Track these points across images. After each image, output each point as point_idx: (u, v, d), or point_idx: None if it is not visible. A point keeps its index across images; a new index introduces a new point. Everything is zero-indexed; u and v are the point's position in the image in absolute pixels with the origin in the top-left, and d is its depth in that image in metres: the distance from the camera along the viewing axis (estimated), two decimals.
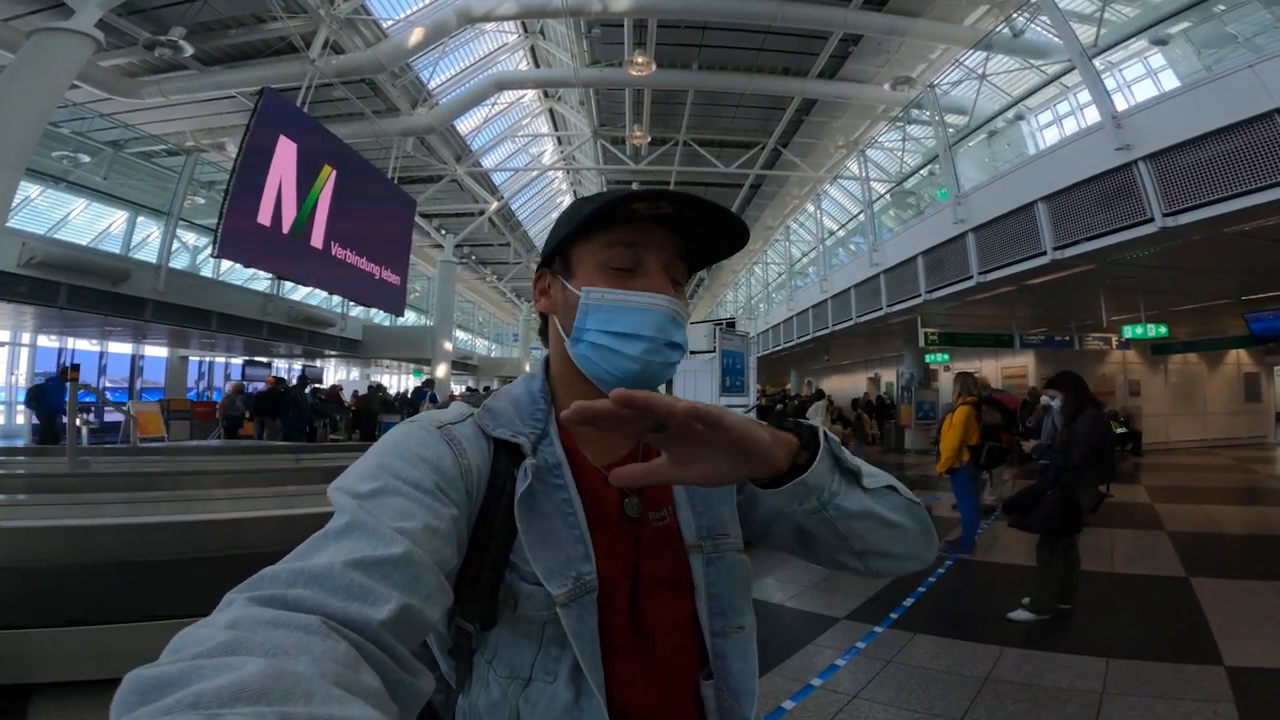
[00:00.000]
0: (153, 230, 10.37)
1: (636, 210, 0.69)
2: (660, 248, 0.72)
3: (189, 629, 0.38)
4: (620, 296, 0.69)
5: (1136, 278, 7.75)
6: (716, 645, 0.70)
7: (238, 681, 0.31)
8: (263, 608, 0.41)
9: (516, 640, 0.64)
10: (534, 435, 0.69)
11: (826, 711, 2.65)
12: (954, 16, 9.69)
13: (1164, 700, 2.63)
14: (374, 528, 0.51)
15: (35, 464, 4.97)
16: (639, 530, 0.70)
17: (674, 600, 0.70)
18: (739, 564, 0.73)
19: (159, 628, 2.63)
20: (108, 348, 15.08)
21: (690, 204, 0.68)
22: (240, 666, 0.33)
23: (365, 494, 0.56)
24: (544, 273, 0.76)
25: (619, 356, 0.68)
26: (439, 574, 0.53)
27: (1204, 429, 14.14)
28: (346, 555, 0.48)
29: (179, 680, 0.32)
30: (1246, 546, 5.40)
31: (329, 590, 0.45)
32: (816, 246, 14.23)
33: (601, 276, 0.70)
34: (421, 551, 0.52)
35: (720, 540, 0.73)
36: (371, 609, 0.45)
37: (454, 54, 11.60)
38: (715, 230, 0.72)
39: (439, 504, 0.58)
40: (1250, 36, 5.85)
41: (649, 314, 0.69)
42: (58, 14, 6.69)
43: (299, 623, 0.40)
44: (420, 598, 0.49)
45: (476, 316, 27.42)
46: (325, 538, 0.51)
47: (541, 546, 0.64)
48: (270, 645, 0.37)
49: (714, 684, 0.69)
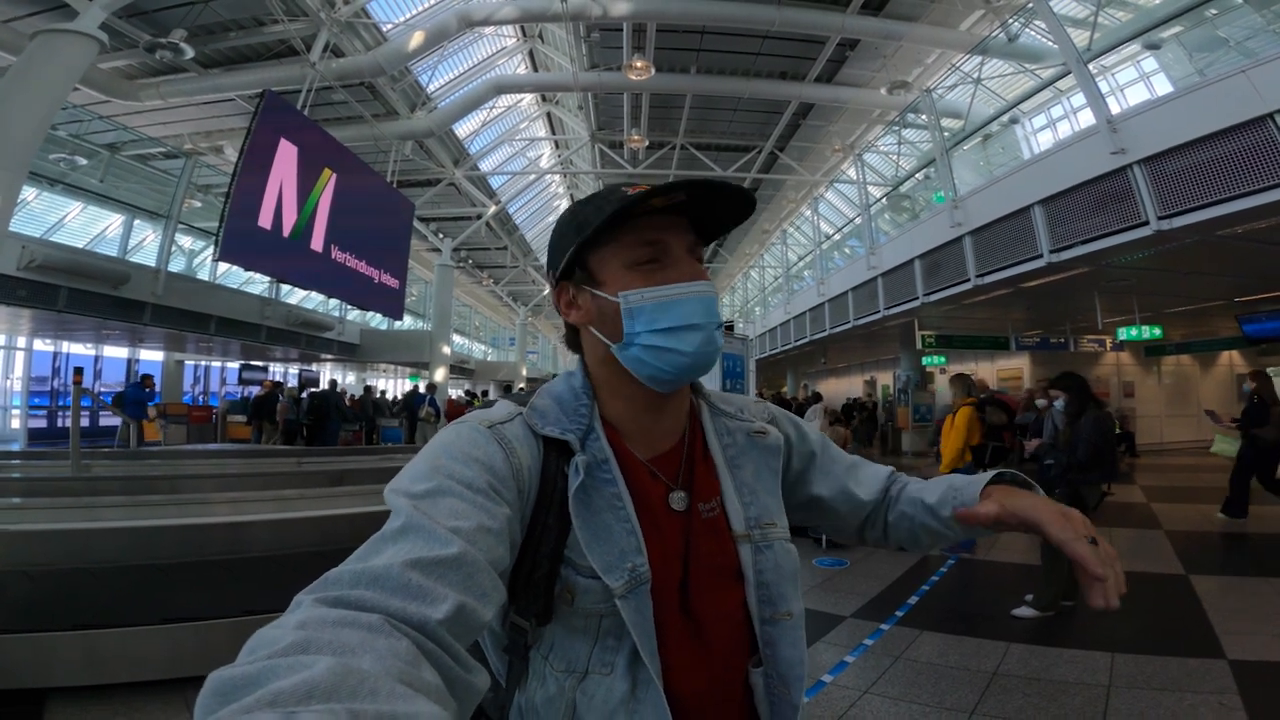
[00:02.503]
0: (149, 233, 10.34)
1: (655, 205, 0.69)
2: (680, 233, 0.72)
3: (262, 630, 0.40)
4: (662, 292, 0.69)
5: (1131, 280, 7.83)
6: (766, 633, 0.71)
7: (310, 679, 0.33)
8: (329, 608, 0.43)
9: (572, 634, 0.66)
10: (580, 431, 0.69)
11: (839, 706, 2.67)
12: (950, 21, 9.79)
13: (1170, 692, 2.67)
14: (429, 529, 0.52)
15: (39, 468, 4.95)
16: (689, 522, 0.71)
17: (724, 589, 0.71)
18: (786, 552, 0.75)
19: (169, 631, 2.64)
20: (103, 351, 14.98)
21: (702, 187, 0.68)
22: (311, 665, 0.35)
23: (420, 494, 0.57)
24: (565, 285, 0.75)
25: (673, 354, 0.69)
26: (493, 573, 0.54)
27: (1198, 430, 14.19)
28: (404, 556, 0.49)
29: (256, 680, 0.34)
30: (1243, 545, 5.46)
31: (389, 590, 0.46)
32: (813, 250, 14.30)
33: (633, 276, 0.70)
34: (475, 551, 0.53)
35: (768, 529, 0.74)
36: (430, 608, 0.46)
37: (453, 57, 11.63)
38: (724, 204, 0.73)
39: (492, 503, 0.59)
40: (1242, 40, 5.95)
41: (696, 302, 0.69)
42: (61, 15, 6.68)
43: (363, 621, 0.42)
44: (475, 596, 0.50)
45: (473, 320, 27.39)
46: (383, 539, 0.52)
47: (596, 541, 0.65)
48: (337, 644, 0.38)
49: (763, 671, 0.70)
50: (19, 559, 2.63)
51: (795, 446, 0.85)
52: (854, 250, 12.42)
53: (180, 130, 11.46)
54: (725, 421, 0.80)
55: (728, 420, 0.80)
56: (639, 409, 0.73)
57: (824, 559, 5.09)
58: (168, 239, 9.43)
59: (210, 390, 18.01)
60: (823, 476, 0.86)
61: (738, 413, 0.81)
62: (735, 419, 0.80)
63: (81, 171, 9.15)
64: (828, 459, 0.88)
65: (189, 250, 11.37)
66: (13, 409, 13.16)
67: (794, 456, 0.85)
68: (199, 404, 15.76)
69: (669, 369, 0.69)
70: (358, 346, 14.93)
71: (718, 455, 0.77)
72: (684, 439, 0.76)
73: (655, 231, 0.70)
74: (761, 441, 0.79)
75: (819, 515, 0.88)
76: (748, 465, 0.77)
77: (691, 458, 0.75)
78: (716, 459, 0.76)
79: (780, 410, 0.89)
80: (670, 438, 0.75)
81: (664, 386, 0.71)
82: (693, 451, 0.76)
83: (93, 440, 11.60)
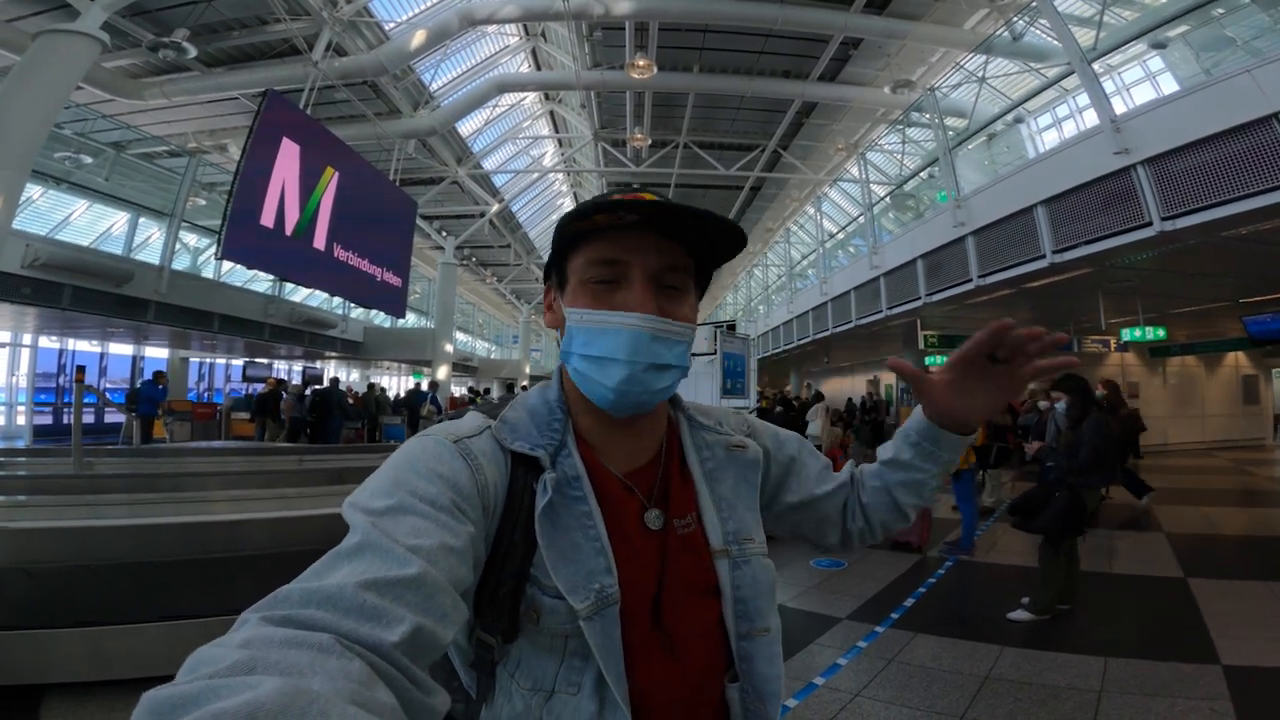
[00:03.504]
0: (154, 231, 10.40)
1: (598, 222, 0.65)
2: (649, 255, 0.67)
3: (203, 649, 0.38)
4: (595, 317, 0.67)
5: (1135, 281, 7.79)
6: (743, 648, 0.70)
7: (254, 701, 0.31)
8: (276, 627, 0.41)
9: (539, 653, 0.64)
10: (552, 447, 0.68)
11: (829, 709, 2.68)
12: (954, 20, 9.74)
13: (1161, 698, 2.66)
14: (387, 548, 0.50)
15: (41, 465, 4.99)
16: (664, 540, 0.70)
17: (701, 605, 0.70)
18: (764, 567, 0.74)
19: (167, 628, 2.66)
20: (108, 349, 15.09)
21: (661, 210, 0.63)
22: (256, 686, 0.33)
23: (379, 511, 0.54)
24: (549, 287, 0.76)
25: (595, 383, 0.67)
26: (454, 594, 0.52)
27: (1202, 431, 14.16)
28: (360, 576, 0.47)
29: (195, 699, 0.32)
30: (1244, 548, 5.43)
31: (342, 611, 0.44)
32: (816, 249, 14.26)
33: (585, 293, 0.68)
34: (436, 571, 0.51)
35: (746, 544, 0.73)
36: (384, 631, 0.44)
37: (456, 56, 11.64)
38: (709, 230, 0.68)
39: (455, 521, 0.57)
40: (1248, 40, 5.89)
41: (625, 335, 0.66)
42: (64, 15, 6.72)
43: (313, 641, 0.40)
44: (434, 618, 0.48)
45: (476, 318, 27.42)
46: (339, 557, 0.50)
47: (562, 560, 0.63)
48: (285, 664, 0.37)
49: (739, 687, 0.69)
50: (20, 556, 2.66)
51: (773, 455, 0.84)
52: (857, 249, 12.37)
53: (184, 129, 11.53)
54: (704, 435, 0.78)
55: (706, 434, 0.79)
56: (609, 423, 0.71)
57: (821, 560, 5.08)
58: (171, 237, 9.49)
59: (215, 388, 18.11)
60: (800, 480, 0.86)
61: (716, 426, 0.80)
62: (714, 432, 0.79)
63: (87, 170, 9.21)
64: (804, 461, 0.87)
65: (193, 248, 11.43)
66: (18, 406, 13.26)
67: (773, 465, 0.84)
68: (203, 401, 15.87)
69: (595, 396, 0.68)
70: (361, 344, 15.00)
71: (696, 470, 0.76)
72: (661, 453, 0.75)
73: (619, 251, 0.67)
74: (740, 456, 0.78)
75: (803, 517, 0.87)
76: (726, 480, 0.76)
77: (668, 472, 0.74)
78: (695, 473, 0.75)
79: (759, 422, 0.88)
80: (646, 452, 0.74)
81: (606, 408, 0.69)
82: (669, 466, 0.75)
83: (97, 437, 11.70)
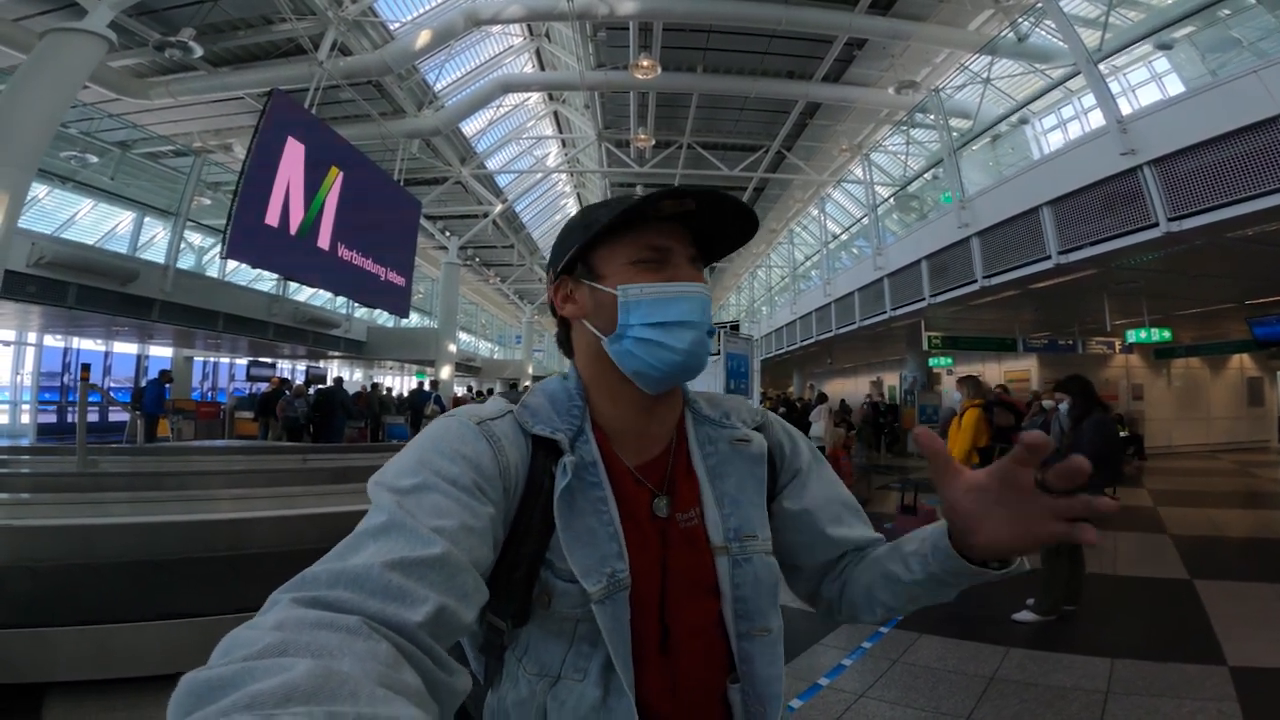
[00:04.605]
0: (159, 230, 10.44)
1: (664, 209, 0.70)
2: (683, 243, 0.73)
3: (237, 630, 0.40)
4: (660, 288, 0.70)
5: (1140, 282, 7.76)
6: (743, 649, 0.69)
7: (289, 682, 0.33)
8: (306, 609, 0.43)
9: (547, 638, 0.65)
10: (571, 432, 0.69)
11: (834, 710, 2.67)
12: (959, 21, 9.71)
13: (1168, 699, 2.65)
14: (412, 527, 0.52)
15: (45, 463, 5.00)
16: (666, 530, 0.70)
17: (700, 602, 0.70)
18: (766, 566, 0.73)
19: (170, 627, 2.66)
20: (113, 348, 15.14)
21: (711, 198, 0.70)
22: (290, 668, 0.34)
23: (405, 490, 0.56)
24: (564, 280, 0.76)
25: (663, 349, 0.69)
26: (475, 574, 0.53)
27: (1207, 433, 14.12)
28: (385, 556, 0.49)
29: (233, 681, 0.33)
30: (1250, 550, 5.40)
31: (368, 591, 0.45)
32: (820, 250, 14.25)
33: (634, 274, 0.71)
34: (458, 551, 0.52)
35: (748, 542, 0.72)
36: (409, 610, 0.46)
37: (460, 56, 11.65)
38: (729, 222, 0.74)
39: (477, 502, 0.59)
40: (1255, 40, 5.87)
41: (692, 301, 0.70)
42: (70, 14, 6.75)
43: (342, 623, 0.41)
44: (456, 598, 0.50)
45: (480, 318, 27.48)
46: (364, 536, 0.52)
47: (578, 543, 0.64)
48: (316, 646, 0.38)
49: (740, 688, 0.68)
50: (23, 554, 2.66)
51: (788, 460, 0.81)
52: (861, 250, 12.36)
53: (190, 128, 11.55)
54: (709, 430, 0.77)
55: (711, 429, 0.77)
56: (629, 411, 0.73)
57: None
58: (176, 236, 9.52)
59: (219, 386, 18.16)
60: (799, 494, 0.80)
61: (723, 418, 0.78)
62: (720, 426, 0.78)
63: (92, 169, 9.25)
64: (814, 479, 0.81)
65: (198, 247, 11.48)
66: (23, 404, 13.31)
67: (782, 472, 0.80)
68: (207, 400, 15.91)
69: (658, 365, 0.69)
70: (365, 344, 15.03)
71: (699, 465, 0.75)
72: (670, 446, 0.75)
73: (660, 237, 0.72)
74: (745, 450, 0.77)
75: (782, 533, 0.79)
76: (731, 475, 0.75)
77: (676, 466, 0.74)
78: (698, 469, 0.75)
79: (777, 419, 0.84)
80: (658, 444, 0.74)
81: (650, 384, 0.71)
82: (677, 459, 0.75)
83: (101, 435, 11.72)
